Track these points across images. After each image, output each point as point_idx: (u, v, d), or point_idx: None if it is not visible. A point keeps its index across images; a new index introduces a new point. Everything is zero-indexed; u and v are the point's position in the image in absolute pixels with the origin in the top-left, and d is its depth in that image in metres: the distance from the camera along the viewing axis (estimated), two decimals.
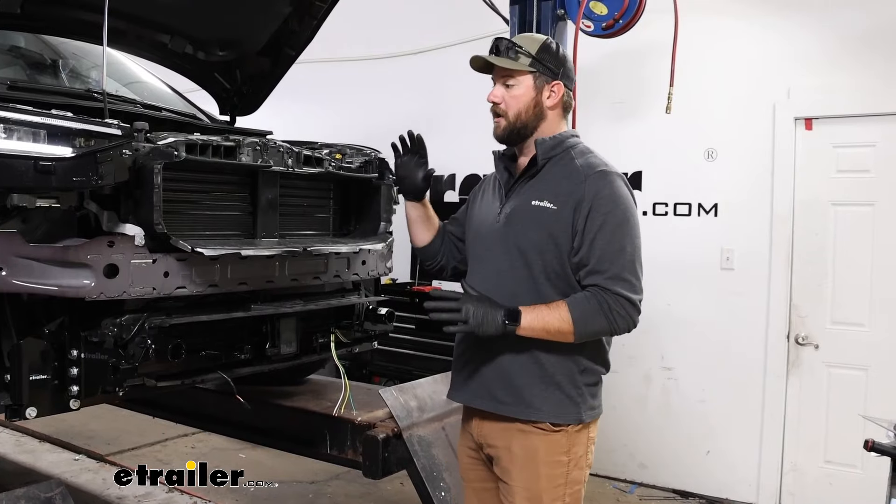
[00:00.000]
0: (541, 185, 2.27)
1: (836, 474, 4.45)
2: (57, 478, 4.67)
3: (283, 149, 2.93)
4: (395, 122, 5.99)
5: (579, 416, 2.24)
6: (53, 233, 2.38)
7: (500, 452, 2.31)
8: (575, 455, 2.26)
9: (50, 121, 2.31)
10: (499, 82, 2.33)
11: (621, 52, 4.78)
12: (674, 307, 4.93)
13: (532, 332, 2.15)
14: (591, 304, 2.14)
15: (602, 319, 2.14)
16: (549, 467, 2.23)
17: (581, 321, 2.13)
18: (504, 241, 2.29)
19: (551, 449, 2.23)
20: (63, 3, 3.42)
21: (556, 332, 2.14)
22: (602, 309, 2.13)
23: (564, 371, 2.23)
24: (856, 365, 4.41)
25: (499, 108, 2.32)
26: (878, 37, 4.31)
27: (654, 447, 5.06)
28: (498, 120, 2.33)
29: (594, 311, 2.14)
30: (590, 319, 2.14)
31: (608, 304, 2.14)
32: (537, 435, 2.23)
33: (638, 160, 5.06)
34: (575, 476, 2.27)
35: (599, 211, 2.17)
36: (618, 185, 2.22)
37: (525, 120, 2.30)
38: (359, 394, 3.41)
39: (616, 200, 2.19)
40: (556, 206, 2.20)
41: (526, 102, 2.30)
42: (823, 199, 4.51)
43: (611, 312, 2.14)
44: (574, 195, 2.19)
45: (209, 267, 2.62)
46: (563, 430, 2.23)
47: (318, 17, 3.75)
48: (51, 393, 2.40)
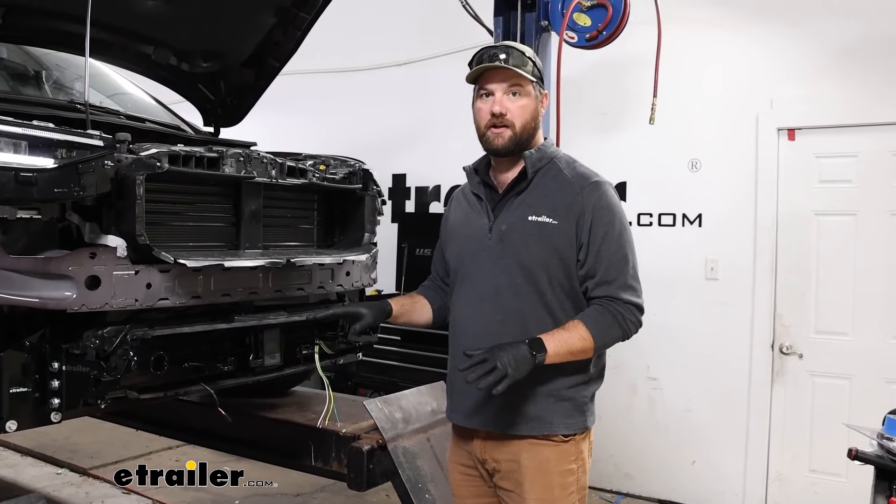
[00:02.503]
0: (533, 199, 2.23)
1: (821, 483, 4.47)
2: (38, 491, 4.62)
3: (267, 160, 2.92)
4: (380, 133, 6.05)
5: (585, 423, 2.26)
6: (34, 244, 2.35)
7: (507, 466, 2.27)
8: (582, 462, 2.27)
9: (31, 132, 2.30)
10: (503, 91, 2.22)
11: (605, 63, 4.81)
12: (659, 317, 4.91)
13: (558, 357, 2.11)
14: (605, 318, 2.17)
15: (617, 330, 2.18)
16: (562, 476, 2.23)
17: (599, 336, 2.15)
18: (500, 258, 2.23)
19: (562, 458, 2.23)
20: (46, 14, 3.40)
21: (579, 351, 2.14)
22: (616, 320, 2.17)
23: (569, 384, 2.23)
24: (840, 374, 4.43)
25: (504, 119, 2.20)
26: (860, 48, 4.35)
27: (639, 457, 5.06)
28: (501, 131, 2.21)
29: (609, 323, 2.17)
30: (606, 332, 2.17)
31: (621, 315, 2.17)
32: (548, 446, 2.22)
33: (622, 171, 5.07)
34: (583, 482, 2.29)
35: (601, 222, 2.18)
36: (611, 194, 2.24)
37: (530, 131, 2.26)
38: (343, 405, 3.39)
39: (613, 210, 2.22)
40: (557, 221, 2.18)
41: (531, 112, 2.25)
42: (806, 209, 4.54)
43: (624, 322, 2.18)
44: (573, 208, 2.18)
45: (192, 278, 2.61)
46: (571, 440, 2.23)
47: (302, 28, 3.75)
48: (32, 406, 2.37)
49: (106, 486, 4.99)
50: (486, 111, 2.23)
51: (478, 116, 2.27)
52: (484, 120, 2.24)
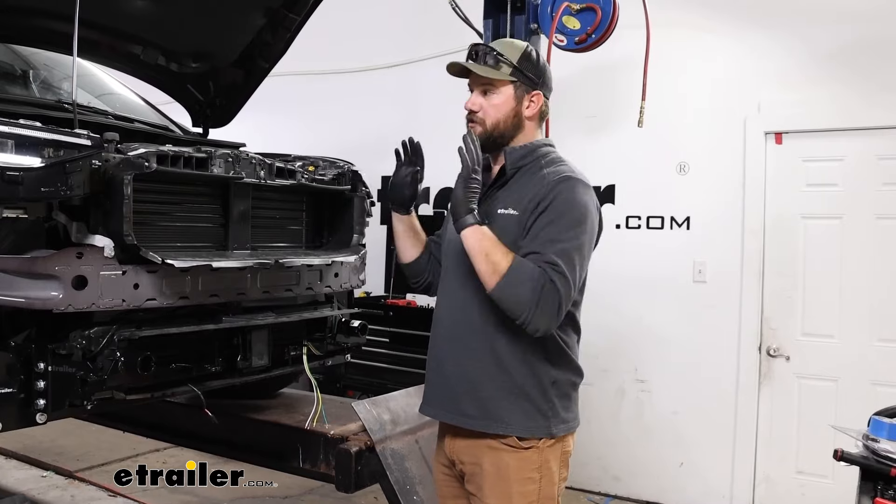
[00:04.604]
0: (508, 193, 2.25)
1: (808, 484, 4.49)
2: (21, 493, 4.59)
3: (256, 160, 2.91)
4: (370, 135, 6.05)
5: (549, 429, 2.20)
6: (21, 244, 2.34)
7: (471, 469, 2.28)
8: (547, 471, 2.22)
9: (18, 130, 2.28)
10: (477, 89, 2.29)
11: (594, 66, 4.83)
12: (647, 320, 4.96)
13: (478, 242, 2.10)
14: (529, 269, 2.06)
15: (529, 289, 2.04)
16: (521, 484, 2.20)
17: (513, 273, 2.05)
18: None
19: (522, 466, 2.20)
20: (33, 13, 3.38)
21: (492, 263, 2.07)
22: (535, 279, 2.04)
23: (533, 382, 2.19)
24: (826, 376, 4.47)
25: (475, 116, 2.27)
26: (848, 53, 4.39)
27: (627, 460, 5.07)
28: (472, 126, 2.27)
29: (529, 276, 2.05)
30: (521, 279, 2.05)
31: (544, 281, 2.04)
32: (507, 452, 2.20)
33: (611, 174, 5.09)
34: (547, 492, 2.23)
35: (554, 211, 2.12)
36: (578, 190, 2.17)
37: (503, 129, 2.27)
38: (331, 407, 3.38)
39: (572, 205, 2.14)
40: (518, 212, 2.18)
41: (505, 112, 2.26)
42: (793, 212, 4.57)
43: (542, 289, 2.03)
44: (535, 199, 2.16)
45: (180, 279, 2.59)
46: (534, 447, 2.19)
47: (291, 29, 3.74)
48: (17, 407, 2.35)
49: (92, 489, 4.97)
50: (466, 105, 2.31)
51: None
52: (465, 113, 2.32)
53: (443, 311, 2.37)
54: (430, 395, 2.39)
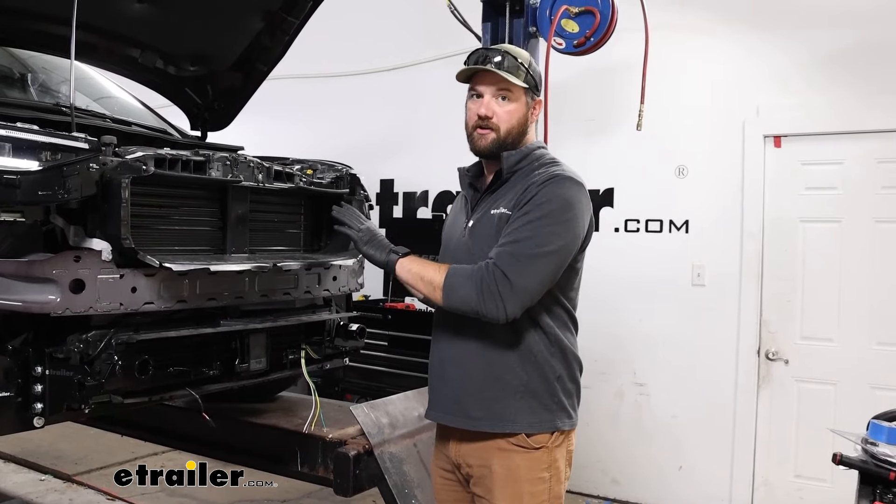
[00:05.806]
0: (502, 195, 2.26)
1: (807, 488, 4.49)
2: (19, 497, 4.58)
3: (254, 164, 2.91)
4: (369, 138, 6.05)
5: (554, 423, 2.22)
6: (18, 247, 2.33)
7: (479, 471, 2.27)
8: (556, 470, 2.24)
9: (15, 133, 2.28)
10: (492, 94, 2.25)
11: (593, 69, 4.83)
12: (646, 323, 4.96)
13: (407, 272, 2.24)
14: (463, 271, 2.14)
15: (468, 286, 2.10)
16: (532, 485, 2.21)
17: (450, 280, 2.14)
18: (469, 253, 2.25)
19: (533, 466, 2.21)
20: (31, 16, 3.38)
21: (429, 282, 2.17)
22: (471, 276, 2.11)
23: (539, 378, 2.20)
24: (825, 380, 4.46)
25: (490, 122, 2.24)
26: (847, 56, 4.39)
27: (626, 463, 5.07)
28: (486, 133, 2.25)
29: (465, 276, 2.12)
30: (459, 282, 2.13)
31: (480, 272, 2.09)
32: (518, 453, 2.20)
33: (609, 177, 5.10)
34: (556, 491, 2.26)
35: (533, 203, 2.13)
36: (565, 187, 2.17)
37: (514, 136, 2.27)
38: (330, 411, 3.38)
39: (553, 199, 2.14)
40: (510, 211, 2.19)
41: (518, 118, 2.27)
42: (792, 215, 4.57)
43: (481, 283, 2.08)
44: (524, 198, 2.16)
45: (178, 282, 2.59)
46: (543, 447, 2.21)
47: (289, 32, 3.75)
48: (14, 411, 2.34)
49: (90, 493, 4.96)
50: (475, 112, 2.27)
51: (467, 115, 2.32)
52: (472, 120, 2.28)
53: (442, 315, 2.37)
54: (435, 399, 2.39)
